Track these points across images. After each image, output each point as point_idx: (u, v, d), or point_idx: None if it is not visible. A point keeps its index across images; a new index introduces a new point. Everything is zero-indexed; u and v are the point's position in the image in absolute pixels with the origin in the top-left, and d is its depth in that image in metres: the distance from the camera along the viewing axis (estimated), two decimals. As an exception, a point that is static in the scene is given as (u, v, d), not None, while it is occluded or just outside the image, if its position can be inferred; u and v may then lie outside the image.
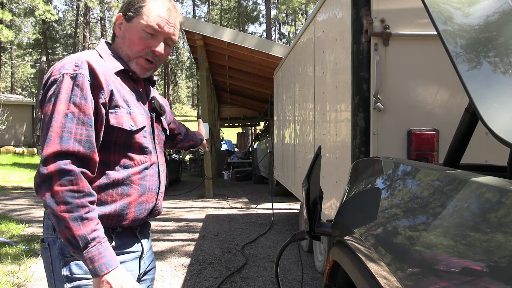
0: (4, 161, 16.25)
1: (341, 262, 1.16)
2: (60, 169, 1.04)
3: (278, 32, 38.63)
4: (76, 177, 1.06)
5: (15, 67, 41.93)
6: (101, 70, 1.16)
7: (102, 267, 1.06)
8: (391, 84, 2.11)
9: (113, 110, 1.18)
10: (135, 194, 1.23)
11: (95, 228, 1.07)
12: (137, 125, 1.23)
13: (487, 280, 0.58)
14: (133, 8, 1.24)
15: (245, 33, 9.28)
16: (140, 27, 1.23)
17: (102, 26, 31.93)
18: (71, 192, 1.05)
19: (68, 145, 1.07)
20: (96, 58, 1.19)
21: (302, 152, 3.97)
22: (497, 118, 0.76)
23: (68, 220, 1.04)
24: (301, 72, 4.00)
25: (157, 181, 1.31)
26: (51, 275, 1.20)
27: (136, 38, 1.23)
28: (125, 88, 1.24)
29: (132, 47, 1.24)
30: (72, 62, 1.14)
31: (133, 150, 1.24)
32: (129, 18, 1.24)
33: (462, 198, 0.73)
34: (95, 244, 1.06)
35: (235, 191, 9.66)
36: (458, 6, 1.01)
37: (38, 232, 5.40)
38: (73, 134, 1.08)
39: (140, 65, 1.26)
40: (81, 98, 1.10)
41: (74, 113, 1.09)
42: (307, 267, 3.94)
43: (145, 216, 1.29)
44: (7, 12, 19.92)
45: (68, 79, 1.11)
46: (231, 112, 15.74)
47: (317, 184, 1.44)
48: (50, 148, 1.06)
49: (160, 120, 1.39)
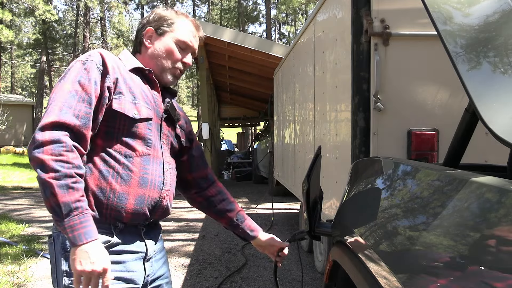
0: (4, 161, 16.24)
1: (341, 262, 1.16)
2: (54, 138, 1.09)
3: (278, 32, 38.63)
4: (68, 148, 1.10)
5: (15, 67, 41.94)
6: (111, 60, 1.25)
7: (81, 237, 1.07)
8: (391, 84, 2.11)
9: (117, 96, 1.24)
10: (134, 184, 1.23)
11: (79, 199, 1.09)
12: (140, 114, 1.26)
13: (487, 280, 0.58)
14: (166, 23, 1.37)
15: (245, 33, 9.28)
16: (174, 41, 1.36)
17: (102, 26, 31.90)
18: (61, 162, 1.08)
19: (66, 118, 1.12)
20: (110, 54, 1.29)
21: (302, 152, 3.97)
22: (497, 118, 0.76)
23: (55, 186, 1.06)
24: (301, 72, 4.00)
25: (161, 177, 1.30)
26: (55, 270, 1.21)
27: (170, 52, 1.36)
28: (135, 83, 1.30)
29: (167, 59, 1.36)
30: (88, 53, 1.26)
31: (136, 140, 1.25)
32: (162, 33, 1.37)
33: (462, 198, 0.73)
34: (77, 213, 1.08)
35: (235, 191, 9.66)
36: (458, 6, 1.01)
37: (38, 232, 5.40)
38: (72, 109, 1.14)
39: (173, 74, 1.39)
40: (85, 79, 1.18)
41: (77, 91, 1.17)
42: (307, 267, 3.94)
43: (147, 211, 1.27)
44: (7, 12, 19.92)
45: (79, 63, 1.22)
46: (231, 112, 15.74)
47: (317, 184, 1.44)
48: (49, 118, 1.11)
49: (174, 126, 1.41)
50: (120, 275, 1.21)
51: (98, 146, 1.22)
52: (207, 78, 9.45)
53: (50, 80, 32.19)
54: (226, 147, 16.74)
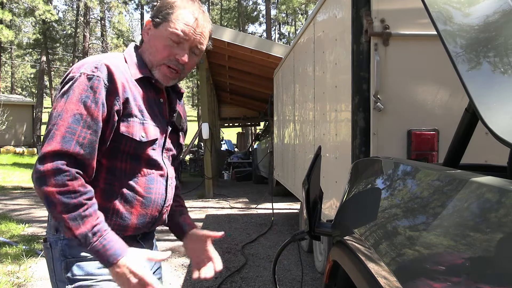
0: (4, 161, 16.24)
1: (341, 262, 1.16)
2: (56, 169, 1.04)
3: (278, 32, 38.64)
4: (71, 177, 1.05)
5: (15, 67, 41.94)
6: (119, 75, 1.15)
7: (110, 259, 1.06)
8: (391, 84, 2.11)
9: (126, 119, 1.16)
10: (138, 205, 1.21)
11: (95, 224, 1.07)
12: (148, 137, 1.20)
13: (487, 280, 0.58)
14: (161, 14, 1.21)
15: (245, 33, 9.28)
16: (166, 34, 1.20)
17: (102, 26, 31.89)
18: (67, 193, 1.04)
19: (69, 146, 1.06)
20: (117, 63, 1.18)
21: (302, 152, 3.97)
22: (497, 118, 0.76)
23: (68, 220, 1.04)
24: (301, 72, 4.00)
25: (164, 194, 1.28)
26: (53, 275, 1.20)
27: (161, 45, 1.21)
28: (143, 97, 1.21)
29: (155, 54, 1.22)
30: (92, 63, 1.13)
31: (141, 161, 1.21)
32: (157, 24, 1.22)
33: (462, 198, 0.73)
34: (97, 239, 1.06)
35: (235, 191, 9.66)
36: (458, 6, 1.01)
37: (38, 232, 5.40)
38: (76, 136, 1.07)
39: (163, 73, 1.23)
40: (92, 101, 1.09)
41: (82, 115, 1.08)
42: (307, 267, 3.94)
43: (147, 228, 1.27)
44: (7, 12, 19.91)
45: (84, 78, 1.11)
46: (231, 112, 15.73)
47: (317, 184, 1.44)
48: (50, 146, 1.05)
49: (177, 134, 1.36)
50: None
51: (103, 166, 1.17)
52: (207, 78, 9.44)
53: (50, 80, 32.22)
54: (226, 147, 16.72)
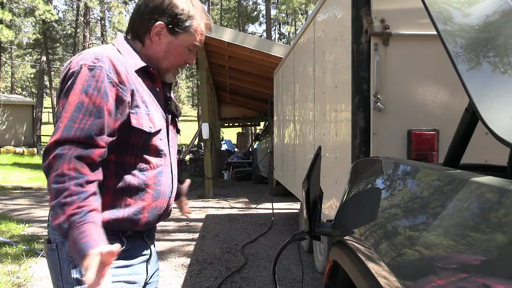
0: (4, 161, 16.24)
1: (341, 262, 1.16)
2: (56, 155, 1.03)
3: (278, 32, 38.65)
4: (63, 161, 1.02)
5: (15, 67, 41.95)
6: (122, 67, 1.15)
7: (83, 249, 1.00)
8: (391, 84, 2.11)
9: (134, 110, 1.16)
10: (149, 199, 1.21)
11: (72, 213, 1.01)
12: (155, 126, 1.20)
13: (487, 280, 0.58)
14: (182, 24, 1.24)
15: (245, 33, 9.28)
16: (186, 44, 1.27)
17: (102, 26, 31.90)
18: (55, 177, 1.02)
19: (69, 133, 1.05)
20: (116, 54, 1.18)
21: (302, 152, 3.97)
22: (497, 118, 0.76)
23: (53, 209, 1.03)
24: (301, 72, 4.00)
25: (171, 185, 1.29)
26: (59, 277, 1.17)
27: (178, 53, 1.27)
28: (144, 88, 1.22)
29: (173, 61, 1.28)
30: (92, 55, 1.13)
31: (150, 152, 1.21)
32: (175, 33, 1.25)
33: (462, 198, 0.73)
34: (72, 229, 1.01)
35: (235, 191, 9.66)
36: (458, 6, 1.01)
37: (38, 232, 5.40)
38: (77, 123, 1.06)
39: (174, 74, 1.32)
40: (94, 89, 1.08)
41: (83, 103, 1.07)
42: (307, 267, 3.94)
43: (156, 221, 1.28)
44: (7, 12, 19.91)
45: (85, 70, 1.10)
46: (231, 112, 15.73)
47: (317, 184, 1.44)
48: (53, 137, 1.05)
49: (175, 121, 1.37)
50: (128, 279, 1.22)
51: (111, 162, 1.15)
52: (207, 78, 9.44)
53: (50, 80, 32.19)
54: (226, 147, 16.71)
